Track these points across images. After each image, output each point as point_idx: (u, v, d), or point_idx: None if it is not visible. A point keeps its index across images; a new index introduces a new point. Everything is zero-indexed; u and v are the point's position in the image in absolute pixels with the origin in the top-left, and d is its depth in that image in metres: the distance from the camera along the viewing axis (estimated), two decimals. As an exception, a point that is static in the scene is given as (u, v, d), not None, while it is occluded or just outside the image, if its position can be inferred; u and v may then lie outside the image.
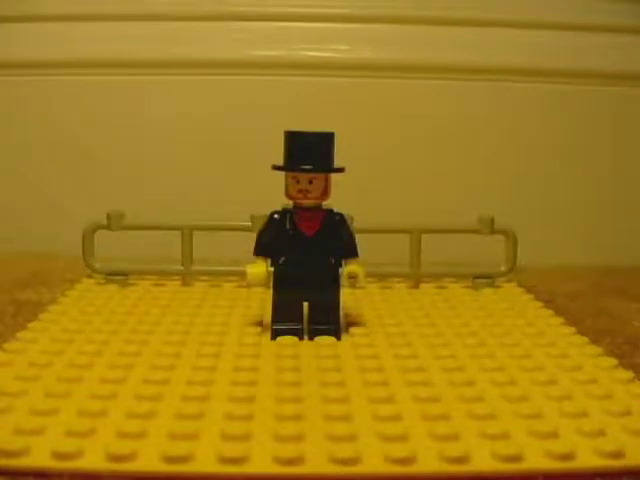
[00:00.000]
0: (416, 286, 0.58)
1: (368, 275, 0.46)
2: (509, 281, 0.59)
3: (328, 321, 0.45)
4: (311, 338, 0.44)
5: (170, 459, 0.28)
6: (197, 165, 0.73)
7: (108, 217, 0.56)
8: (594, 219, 0.74)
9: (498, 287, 0.57)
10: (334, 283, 0.45)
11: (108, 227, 0.56)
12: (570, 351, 0.42)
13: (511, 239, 0.57)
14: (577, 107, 0.73)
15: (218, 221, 0.57)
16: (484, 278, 0.58)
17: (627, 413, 0.33)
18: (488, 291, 0.56)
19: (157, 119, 0.72)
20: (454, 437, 0.30)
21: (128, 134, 0.73)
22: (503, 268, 0.58)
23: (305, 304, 0.45)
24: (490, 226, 0.57)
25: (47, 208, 0.73)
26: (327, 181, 0.44)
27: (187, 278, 0.57)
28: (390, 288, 0.58)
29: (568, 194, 0.74)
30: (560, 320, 0.49)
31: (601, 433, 0.31)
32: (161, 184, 0.72)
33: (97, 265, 0.57)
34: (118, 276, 0.57)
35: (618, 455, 0.29)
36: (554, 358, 0.41)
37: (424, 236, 0.57)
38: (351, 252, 0.45)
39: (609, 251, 0.73)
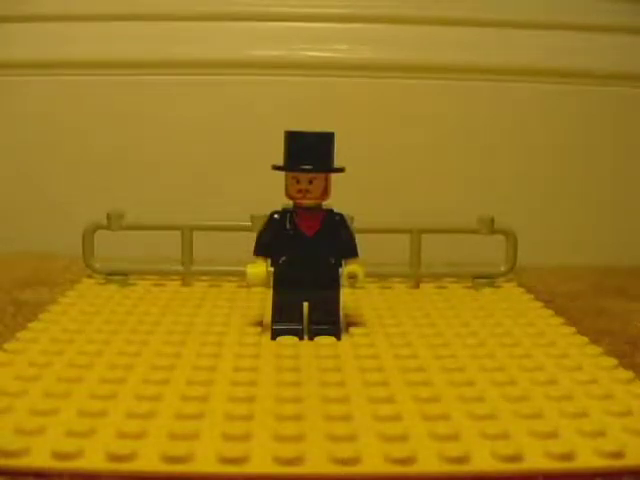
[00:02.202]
0: (416, 286, 0.58)
1: (368, 275, 0.46)
2: (509, 281, 0.59)
3: (328, 321, 0.45)
4: (311, 338, 0.44)
5: (170, 459, 0.28)
6: (197, 165, 0.73)
7: (108, 217, 0.56)
8: (594, 219, 0.74)
9: (498, 287, 0.57)
10: (334, 283, 0.45)
11: (108, 227, 0.56)
12: (570, 351, 0.42)
13: (511, 239, 0.57)
14: (577, 107, 0.73)
15: (218, 221, 0.57)
16: (484, 278, 0.58)
17: (627, 413, 0.33)
18: (488, 291, 0.56)
19: (157, 119, 0.72)
20: (454, 437, 0.30)
21: (128, 134, 0.73)
22: (503, 268, 0.58)
23: (305, 304, 0.45)
24: (490, 226, 0.57)
25: (47, 208, 0.73)
26: (327, 181, 0.44)
27: (187, 278, 0.57)
28: (390, 288, 0.58)
29: (568, 194, 0.74)
30: (560, 320, 0.49)
31: (601, 433, 0.31)
32: (161, 184, 0.73)
33: (97, 265, 0.57)
34: (118, 276, 0.57)
35: (618, 455, 0.29)
36: (554, 358, 0.41)
37: (424, 236, 0.57)
38: (351, 252, 0.45)
39: (609, 251, 0.73)
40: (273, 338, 0.44)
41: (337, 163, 0.44)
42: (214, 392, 0.35)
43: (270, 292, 0.45)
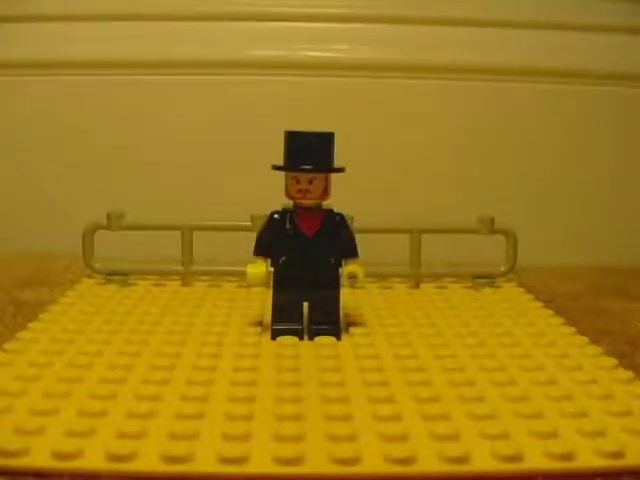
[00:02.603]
0: (416, 286, 0.58)
1: (368, 275, 0.46)
2: (509, 281, 0.59)
3: (328, 321, 0.45)
4: (311, 338, 0.44)
5: (170, 459, 0.28)
6: (197, 165, 0.73)
7: (108, 217, 0.56)
8: (594, 219, 0.74)
9: (498, 287, 0.57)
10: (334, 283, 0.45)
11: (108, 227, 0.56)
12: (570, 351, 0.42)
13: (511, 239, 0.57)
14: (577, 107, 0.73)
15: (218, 221, 0.57)
16: (484, 278, 0.58)
17: (627, 413, 0.33)
18: (488, 291, 0.56)
19: (157, 119, 0.72)
20: (454, 437, 0.30)
21: (128, 134, 0.73)
22: (503, 268, 0.58)
23: (305, 304, 0.45)
24: (490, 226, 0.57)
25: (47, 208, 0.73)
26: (327, 181, 0.44)
27: (187, 278, 0.57)
28: (390, 288, 0.58)
29: (568, 194, 0.74)
30: (560, 320, 0.49)
31: (601, 433, 0.31)
32: (161, 184, 0.72)
33: (97, 265, 0.57)
34: (118, 276, 0.57)
35: (618, 455, 0.29)
36: (554, 358, 0.41)
37: (424, 236, 0.57)
38: (351, 252, 0.45)
39: (609, 251, 0.73)
40: (273, 338, 0.44)
41: (337, 163, 0.44)
42: (214, 392, 0.35)
43: (270, 292, 0.45)
